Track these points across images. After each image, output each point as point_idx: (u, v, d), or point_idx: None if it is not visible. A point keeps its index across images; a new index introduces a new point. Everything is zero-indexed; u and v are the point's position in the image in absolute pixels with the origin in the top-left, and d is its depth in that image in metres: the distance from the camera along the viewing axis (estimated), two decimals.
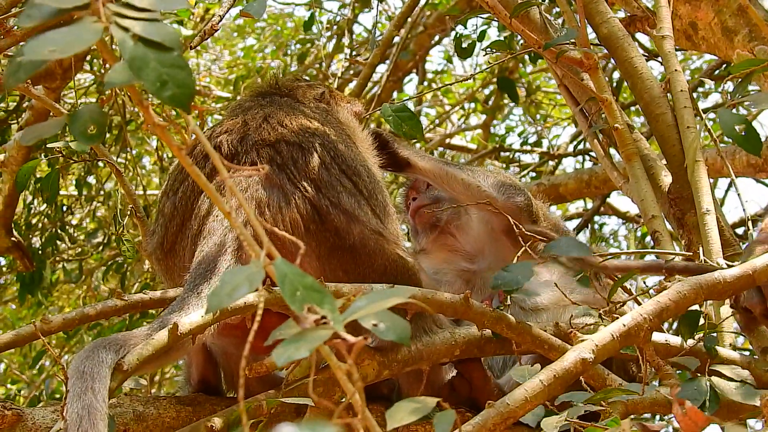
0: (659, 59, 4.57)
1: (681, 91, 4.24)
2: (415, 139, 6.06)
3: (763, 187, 8.28)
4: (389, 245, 3.66)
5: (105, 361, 2.93)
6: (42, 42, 1.64)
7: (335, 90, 4.70)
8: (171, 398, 3.66)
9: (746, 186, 23.41)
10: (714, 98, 10.05)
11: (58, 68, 6.39)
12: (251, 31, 11.87)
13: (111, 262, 8.52)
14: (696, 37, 4.83)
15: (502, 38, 5.84)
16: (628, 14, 4.86)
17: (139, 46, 1.67)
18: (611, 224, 14.55)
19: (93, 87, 8.83)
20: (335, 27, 10.15)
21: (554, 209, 10.16)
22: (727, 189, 9.33)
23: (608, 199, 9.79)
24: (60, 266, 9.08)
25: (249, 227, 3.34)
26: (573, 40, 4.24)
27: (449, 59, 11.42)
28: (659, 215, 4.18)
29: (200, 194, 3.70)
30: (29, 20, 1.68)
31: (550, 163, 9.88)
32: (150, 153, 10.36)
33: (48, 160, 6.89)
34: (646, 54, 5.20)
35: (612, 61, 5.55)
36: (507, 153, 10.14)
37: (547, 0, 5.01)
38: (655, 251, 4.00)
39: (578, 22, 4.29)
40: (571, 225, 9.96)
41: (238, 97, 7.42)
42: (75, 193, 8.90)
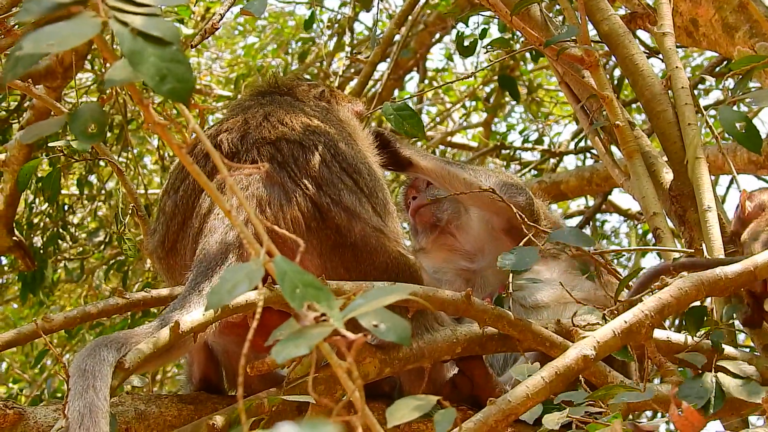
0: (660, 56, 4.56)
1: (682, 88, 4.24)
2: (416, 138, 6.05)
3: (764, 184, 8.26)
4: (390, 243, 3.66)
5: (106, 360, 2.93)
6: (40, 36, 1.63)
7: (335, 89, 4.70)
8: (173, 396, 3.66)
9: (747, 183, 23.40)
10: (715, 95, 10.05)
11: (59, 67, 6.39)
12: (252, 30, 11.86)
13: (112, 261, 8.51)
14: (697, 34, 4.82)
15: (504, 37, 5.84)
16: (629, 11, 4.85)
17: (139, 41, 1.67)
18: (612, 221, 14.53)
19: (94, 86, 8.82)
20: (336, 25, 10.15)
21: (555, 207, 10.16)
22: (729, 186, 9.34)
23: (609, 197, 9.79)
24: (61, 265, 9.08)
25: (250, 225, 3.34)
26: (574, 38, 4.24)
27: (450, 57, 11.42)
28: (660, 212, 4.17)
29: (201, 193, 3.70)
30: (28, 14, 1.68)
31: (552, 161, 9.86)
32: (151, 152, 10.36)
33: (49, 160, 6.90)
34: (647, 51, 5.19)
35: (613, 59, 5.55)
36: (508, 151, 10.12)
37: None
38: (657, 248, 4.00)
39: (579, 20, 4.29)
40: (573, 222, 9.96)
41: (239, 96, 7.41)
42: (76, 193, 8.90)
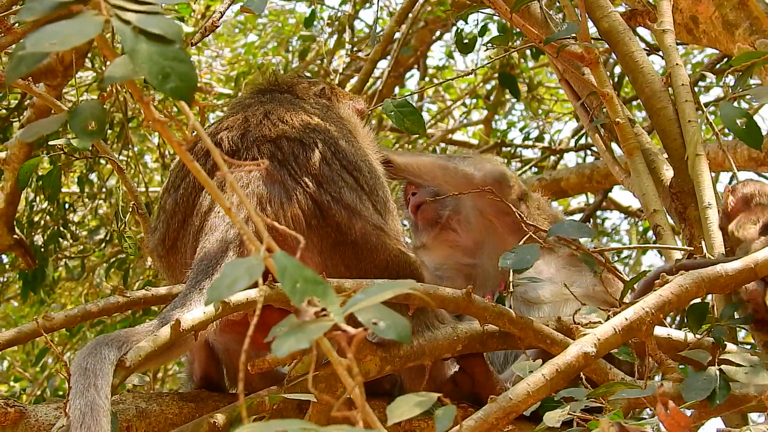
0: (660, 53, 4.56)
1: (682, 85, 4.24)
2: (417, 134, 6.05)
3: (765, 181, 8.25)
4: (391, 241, 3.66)
5: (108, 358, 2.93)
6: (43, 35, 1.63)
7: (336, 86, 4.69)
8: (174, 395, 3.66)
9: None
10: (715, 92, 10.04)
11: (60, 65, 6.39)
12: (252, 28, 11.85)
13: (113, 259, 8.50)
14: (697, 31, 4.82)
15: (503, 35, 5.83)
16: (629, 8, 4.85)
17: (141, 39, 1.67)
18: (613, 219, 14.55)
19: (94, 84, 8.83)
20: (336, 23, 10.14)
21: (556, 204, 10.15)
22: (729, 183, 9.31)
23: (610, 194, 9.80)
24: (62, 263, 9.08)
25: (250, 223, 3.34)
26: (574, 35, 4.24)
27: (450, 55, 11.41)
28: (661, 209, 4.17)
29: (201, 191, 3.69)
30: (30, 13, 1.68)
31: (552, 158, 9.86)
32: (152, 150, 10.36)
33: (50, 158, 6.90)
34: (647, 48, 5.19)
35: (613, 56, 5.54)
36: (508, 148, 10.12)
37: None
38: (657, 246, 4.00)
39: (579, 17, 4.29)
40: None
41: (239, 94, 7.41)
42: (77, 191, 8.90)
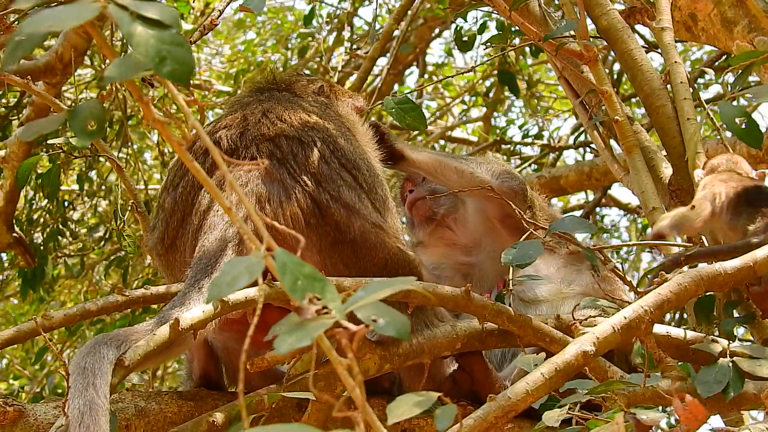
0: (659, 51, 4.56)
1: (681, 83, 4.23)
2: (418, 130, 6.04)
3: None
4: (390, 239, 3.66)
5: (106, 357, 2.93)
6: (39, 19, 1.64)
7: (335, 84, 4.69)
8: (173, 393, 3.66)
9: None
10: (715, 89, 10.04)
11: (59, 63, 6.38)
12: (251, 25, 11.85)
13: (112, 257, 8.50)
14: (695, 29, 4.82)
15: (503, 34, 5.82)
16: (628, 6, 4.84)
17: (137, 23, 1.67)
18: (612, 216, 14.53)
19: (93, 82, 8.82)
20: (335, 20, 10.14)
21: (555, 201, 10.16)
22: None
23: (609, 191, 9.80)
24: (61, 261, 9.08)
25: (249, 222, 3.34)
26: (572, 33, 4.23)
27: (450, 52, 11.41)
28: (660, 207, 4.17)
29: (200, 189, 3.69)
30: (27, 1, 1.68)
31: (551, 156, 9.87)
32: (151, 148, 10.35)
33: (49, 156, 6.90)
34: (646, 46, 5.18)
35: (612, 53, 5.54)
36: (508, 145, 10.13)
37: None
38: (656, 243, 4.00)
39: (578, 14, 4.28)
40: None
41: (238, 92, 7.40)
42: (76, 189, 8.90)
